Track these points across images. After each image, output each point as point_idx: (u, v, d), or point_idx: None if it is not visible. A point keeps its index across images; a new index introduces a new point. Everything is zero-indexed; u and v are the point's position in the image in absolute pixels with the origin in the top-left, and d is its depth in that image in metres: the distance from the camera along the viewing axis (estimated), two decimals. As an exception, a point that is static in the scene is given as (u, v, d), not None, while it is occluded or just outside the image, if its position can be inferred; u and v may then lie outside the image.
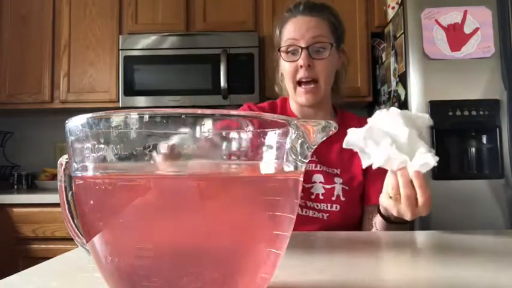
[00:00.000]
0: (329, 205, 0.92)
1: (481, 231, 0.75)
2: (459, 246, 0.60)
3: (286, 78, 0.96)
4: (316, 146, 0.32)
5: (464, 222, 1.56)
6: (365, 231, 0.92)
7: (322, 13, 0.95)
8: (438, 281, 0.41)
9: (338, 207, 0.92)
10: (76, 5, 2.22)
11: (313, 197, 0.93)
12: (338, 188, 0.93)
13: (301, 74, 0.92)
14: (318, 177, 0.94)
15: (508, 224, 1.55)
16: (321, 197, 0.93)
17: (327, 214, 0.92)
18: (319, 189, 0.93)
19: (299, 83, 0.94)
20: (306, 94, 0.93)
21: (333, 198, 0.93)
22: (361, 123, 0.99)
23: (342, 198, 0.93)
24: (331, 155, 0.96)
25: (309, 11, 0.95)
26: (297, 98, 0.96)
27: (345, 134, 0.76)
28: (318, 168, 0.95)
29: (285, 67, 0.95)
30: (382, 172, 0.89)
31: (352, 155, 0.95)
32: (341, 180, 0.94)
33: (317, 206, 0.93)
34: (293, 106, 1.02)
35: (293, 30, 0.94)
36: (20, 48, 2.21)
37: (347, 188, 0.94)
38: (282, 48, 0.95)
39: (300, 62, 0.91)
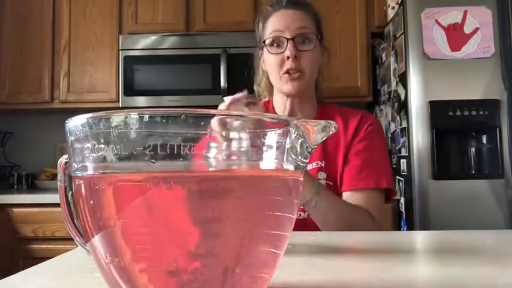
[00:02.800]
0: None
1: (481, 231, 0.75)
2: (459, 246, 0.60)
3: (272, 71, 0.94)
4: (316, 146, 0.32)
5: (464, 222, 1.56)
6: (364, 232, 0.92)
7: (305, 7, 0.95)
8: (438, 281, 0.41)
9: None
10: (76, 5, 2.22)
11: None
12: None
13: (287, 65, 0.90)
14: None
15: (508, 224, 1.55)
16: None
17: None
18: None
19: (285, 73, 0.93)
20: (292, 81, 0.91)
21: None
22: (342, 112, 1.00)
23: None
24: (314, 151, 0.95)
25: (292, 4, 0.94)
26: (282, 87, 0.93)
27: None
28: None
29: (270, 60, 0.93)
30: (360, 151, 0.93)
31: (335, 146, 0.95)
32: (325, 176, 0.93)
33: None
34: (276, 105, 1.01)
35: (278, 22, 0.93)
36: (20, 48, 2.21)
37: (331, 183, 0.93)
38: (267, 41, 0.93)
39: (287, 53, 0.90)
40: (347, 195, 0.91)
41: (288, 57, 0.90)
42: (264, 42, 0.95)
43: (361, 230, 0.81)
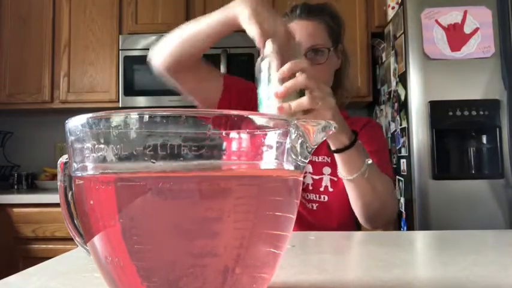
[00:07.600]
0: (317, 195, 0.94)
1: (481, 231, 0.75)
2: (459, 246, 0.60)
3: None
4: (316, 146, 0.32)
5: (464, 222, 1.56)
6: (365, 232, 0.93)
7: (319, 16, 0.94)
8: (438, 281, 0.41)
9: (326, 197, 0.94)
10: (76, 5, 2.22)
11: (303, 187, 0.95)
12: (326, 179, 0.95)
13: None
14: (308, 168, 0.95)
15: (508, 224, 1.55)
16: (310, 187, 0.95)
17: (316, 204, 0.94)
18: (308, 179, 0.95)
19: None
20: None
21: (321, 189, 0.94)
22: (350, 119, 1.00)
23: (330, 189, 0.94)
24: (322, 144, 0.96)
25: (305, 15, 0.93)
26: None
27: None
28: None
29: None
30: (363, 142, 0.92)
31: None
32: (329, 171, 0.95)
33: (307, 196, 0.95)
34: None
35: None
36: (20, 48, 2.22)
37: (335, 179, 0.95)
38: None
39: None
40: None
41: None
42: None
43: (390, 201, 0.82)
